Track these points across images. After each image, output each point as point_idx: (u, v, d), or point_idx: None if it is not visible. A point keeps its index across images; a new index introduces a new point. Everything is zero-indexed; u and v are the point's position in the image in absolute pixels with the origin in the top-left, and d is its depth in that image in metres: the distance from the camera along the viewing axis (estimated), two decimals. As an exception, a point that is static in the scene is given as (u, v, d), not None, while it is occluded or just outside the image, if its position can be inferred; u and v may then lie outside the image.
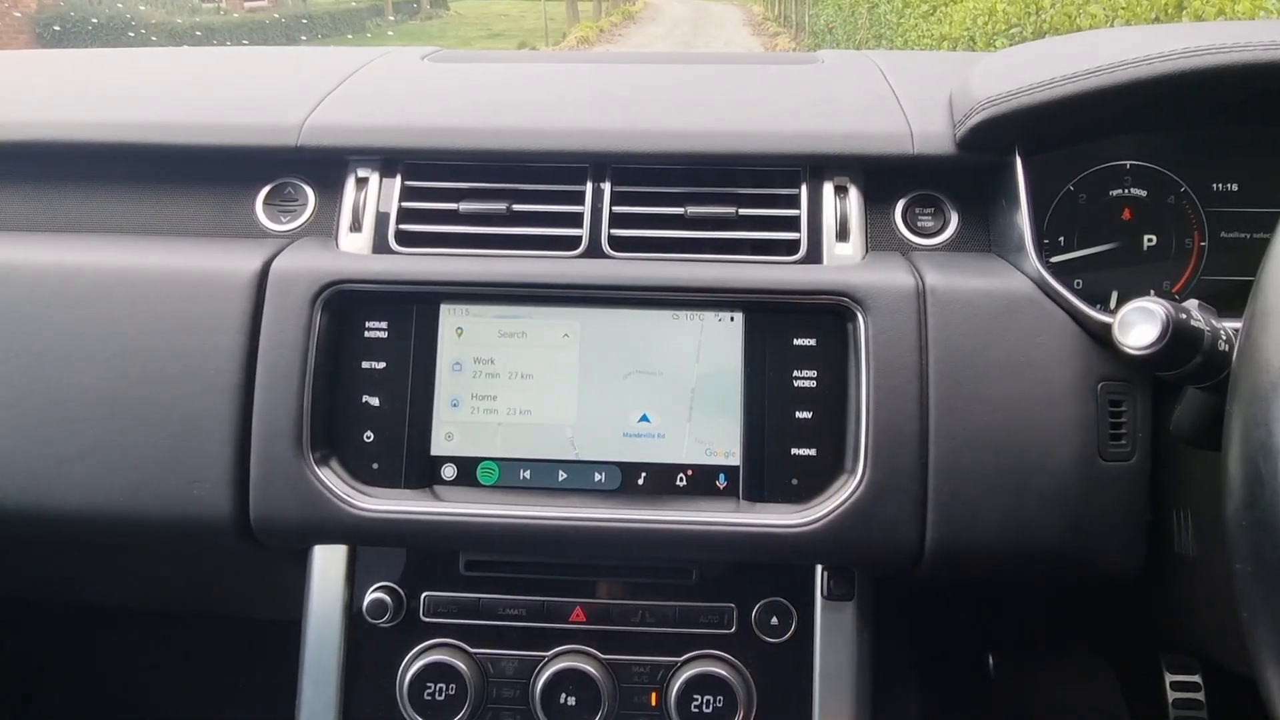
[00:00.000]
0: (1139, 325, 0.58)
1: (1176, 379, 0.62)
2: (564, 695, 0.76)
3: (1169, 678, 1.04)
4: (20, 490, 0.78)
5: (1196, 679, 1.04)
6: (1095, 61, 0.75)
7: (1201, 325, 0.58)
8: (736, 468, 0.77)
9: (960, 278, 0.77)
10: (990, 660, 1.19)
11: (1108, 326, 0.73)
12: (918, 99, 0.89)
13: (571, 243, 0.82)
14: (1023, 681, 1.21)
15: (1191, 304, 0.59)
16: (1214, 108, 0.82)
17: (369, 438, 0.78)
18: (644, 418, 0.77)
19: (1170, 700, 1.04)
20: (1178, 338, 0.57)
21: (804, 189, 0.84)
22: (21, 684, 1.30)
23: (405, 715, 0.77)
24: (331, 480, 0.76)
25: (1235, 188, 0.85)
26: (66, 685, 1.31)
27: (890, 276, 0.77)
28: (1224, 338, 0.58)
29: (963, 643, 1.21)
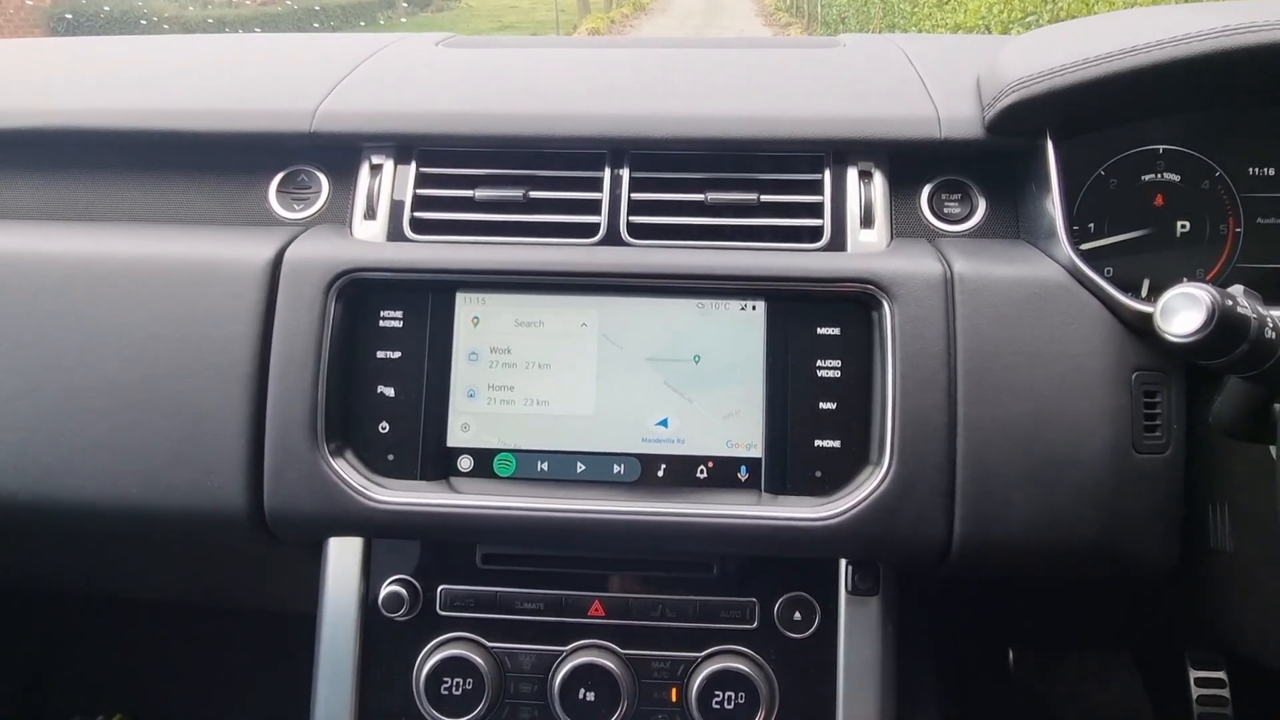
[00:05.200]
0: (1183, 312, 0.56)
1: (1219, 368, 0.60)
2: (583, 690, 0.75)
3: (1193, 674, 1.03)
4: (34, 482, 0.77)
5: (1221, 675, 1.02)
6: (1129, 41, 0.73)
7: (1248, 312, 0.55)
8: (759, 460, 0.75)
9: (989, 265, 0.75)
10: (1010, 655, 1.17)
11: (1143, 315, 0.71)
12: (944, 82, 0.86)
13: (589, 230, 0.81)
14: (1043, 676, 1.19)
15: (1236, 290, 0.57)
16: (1251, 88, 0.79)
17: (384, 429, 0.77)
18: (663, 421, 0.76)
19: (1194, 697, 1.02)
20: (1223, 325, 0.55)
21: (827, 174, 0.82)
22: (38, 674, 1.30)
23: (422, 710, 0.76)
24: (346, 472, 0.75)
25: (1272, 172, 0.82)
26: (83, 676, 1.31)
27: (917, 264, 0.75)
28: (1271, 325, 0.56)
29: (984, 637, 1.19)
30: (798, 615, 0.76)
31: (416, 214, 0.83)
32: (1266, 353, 0.56)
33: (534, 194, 0.82)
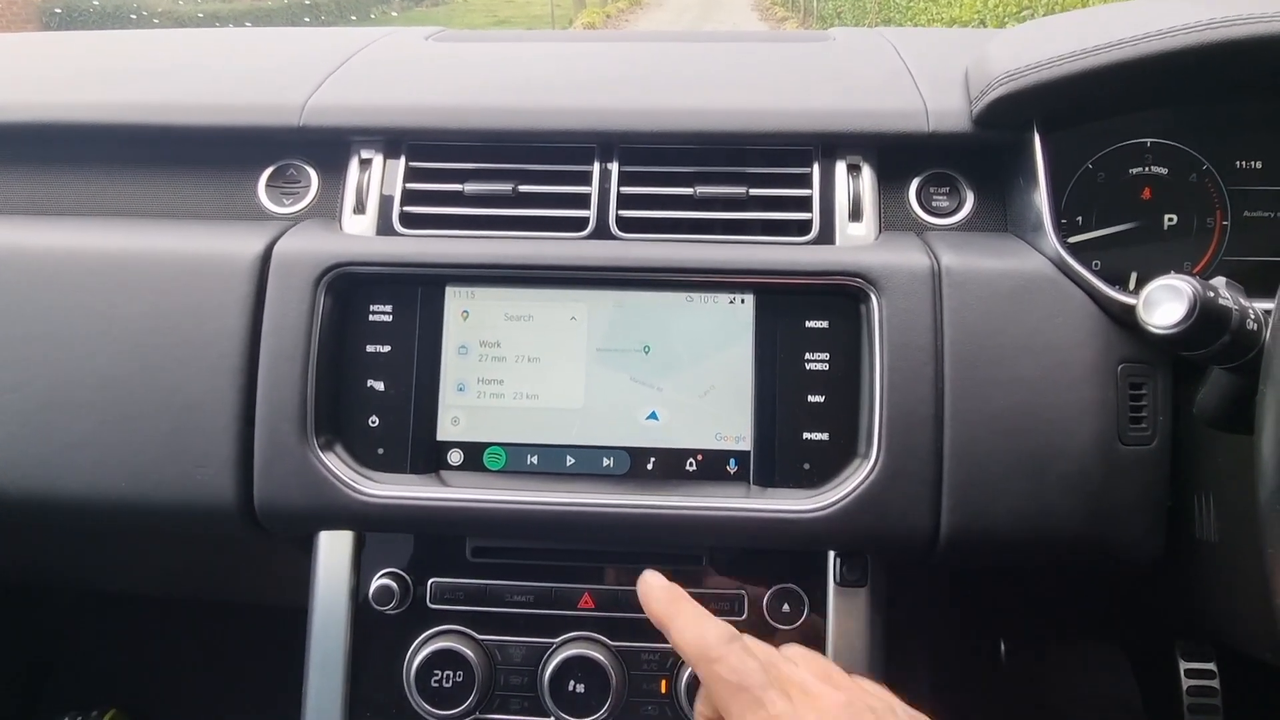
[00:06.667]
0: (1165, 304, 0.56)
1: (1202, 359, 0.60)
2: (573, 683, 0.75)
3: (1183, 665, 1.03)
4: (23, 476, 0.77)
5: (1211, 666, 1.03)
6: (1118, 34, 0.73)
7: (1229, 303, 0.56)
8: (747, 453, 0.75)
9: (976, 258, 0.75)
10: (1001, 646, 1.18)
11: (1129, 307, 0.71)
12: (933, 75, 0.87)
13: (579, 224, 0.81)
14: (1034, 668, 1.19)
15: (1219, 281, 0.57)
16: (1239, 82, 0.79)
17: (374, 423, 0.77)
18: (652, 415, 0.76)
19: (1184, 687, 1.03)
20: (1205, 316, 0.55)
21: (816, 168, 0.82)
22: (31, 670, 1.30)
23: (412, 702, 0.76)
24: (336, 466, 0.75)
25: (1259, 165, 0.83)
26: (74, 671, 1.31)
27: (904, 257, 0.75)
28: (1252, 316, 0.56)
29: (974, 629, 1.20)
30: (786, 607, 0.76)
31: (406, 208, 0.83)
32: (1248, 344, 0.56)
33: (523, 188, 0.82)
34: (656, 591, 0.64)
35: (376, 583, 0.77)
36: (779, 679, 0.58)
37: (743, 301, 0.76)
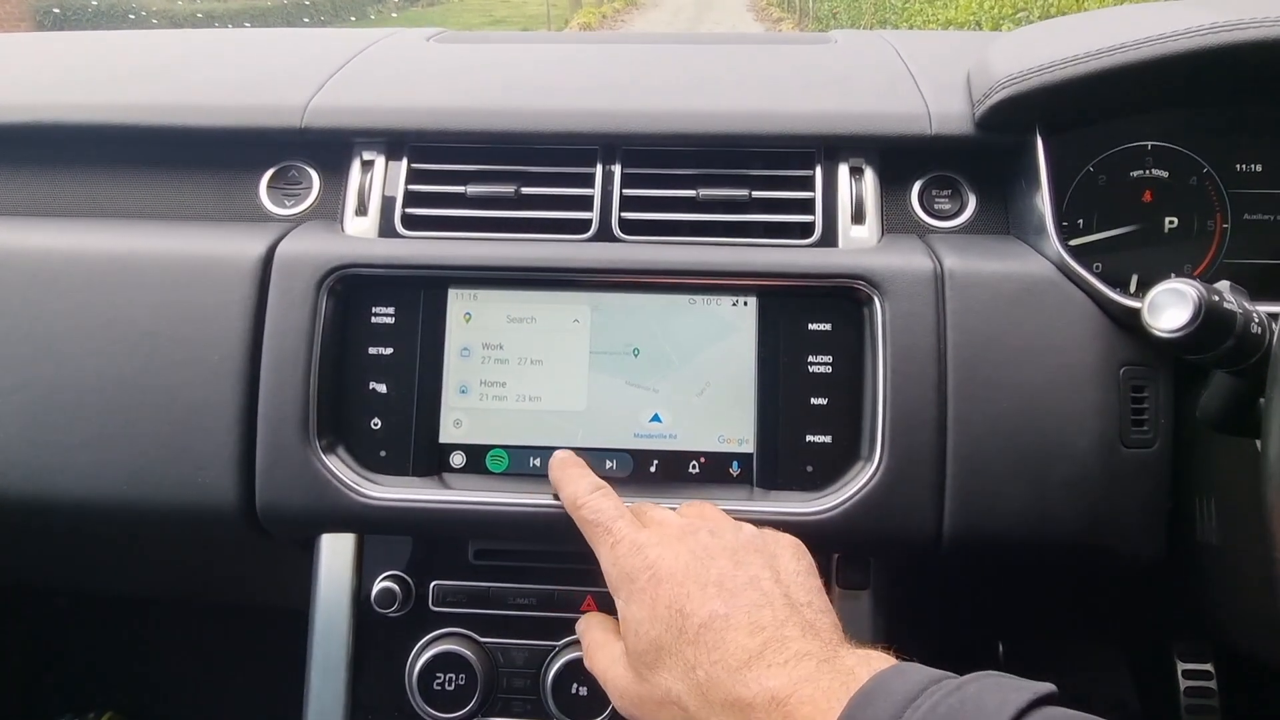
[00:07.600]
0: (1170, 308, 0.56)
1: (1206, 363, 0.60)
2: (575, 685, 0.75)
3: (1181, 666, 1.03)
4: (23, 478, 0.76)
5: (1208, 668, 1.03)
6: (1120, 37, 0.73)
7: (1234, 307, 0.56)
8: (750, 455, 0.75)
9: (979, 260, 0.75)
10: (1000, 648, 1.18)
11: (1130, 310, 0.72)
12: (935, 78, 0.87)
13: (581, 226, 0.81)
14: (1033, 668, 1.20)
15: (1223, 285, 0.58)
16: (1240, 85, 0.80)
17: (376, 425, 0.77)
18: (655, 417, 0.76)
19: (1182, 689, 1.03)
20: (1210, 320, 0.55)
21: (818, 170, 0.82)
22: (31, 672, 1.29)
23: (414, 705, 0.76)
24: (338, 468, 0.74)
25: (1259, 169, 0.83)
26: (73, 674, 1.30)
27: (907, 259, 0.75)
28: (1256, 320, 0.57)
29: (974, 630, 1.20)
30: (789, 609, 0.76)
31: (408, 210, 0.82)
32: (1252, 348, 0.56)
33: (526, 190, 0.82)
34: (554, 461, 0.73)
35: (378, 585, 0.77)
36: (640, 515, 0.65)
37: (745, 304, 0.76)
